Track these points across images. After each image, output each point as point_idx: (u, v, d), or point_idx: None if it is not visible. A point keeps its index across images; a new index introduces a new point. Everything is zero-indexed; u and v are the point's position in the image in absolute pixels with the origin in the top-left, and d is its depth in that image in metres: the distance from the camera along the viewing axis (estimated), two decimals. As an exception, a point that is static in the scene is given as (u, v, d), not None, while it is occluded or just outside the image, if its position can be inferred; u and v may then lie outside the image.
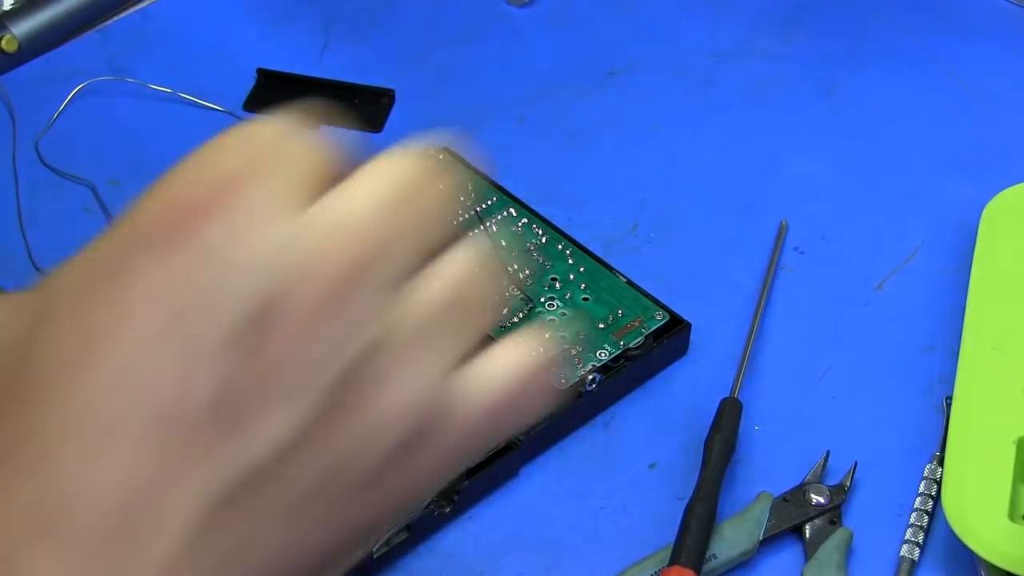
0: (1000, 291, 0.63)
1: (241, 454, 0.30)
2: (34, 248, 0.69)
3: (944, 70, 0.78)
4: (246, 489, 0.31)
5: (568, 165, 0.74)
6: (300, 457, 0.31)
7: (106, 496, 0.30)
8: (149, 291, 0.31)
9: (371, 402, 0.31)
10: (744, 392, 0.62)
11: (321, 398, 0.31)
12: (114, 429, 0.30)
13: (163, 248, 0.31)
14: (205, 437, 0.30)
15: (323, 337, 0.31)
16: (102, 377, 0.30)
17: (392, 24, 0.82)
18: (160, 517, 0.30)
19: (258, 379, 0.30)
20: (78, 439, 0.30)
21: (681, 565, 0.54)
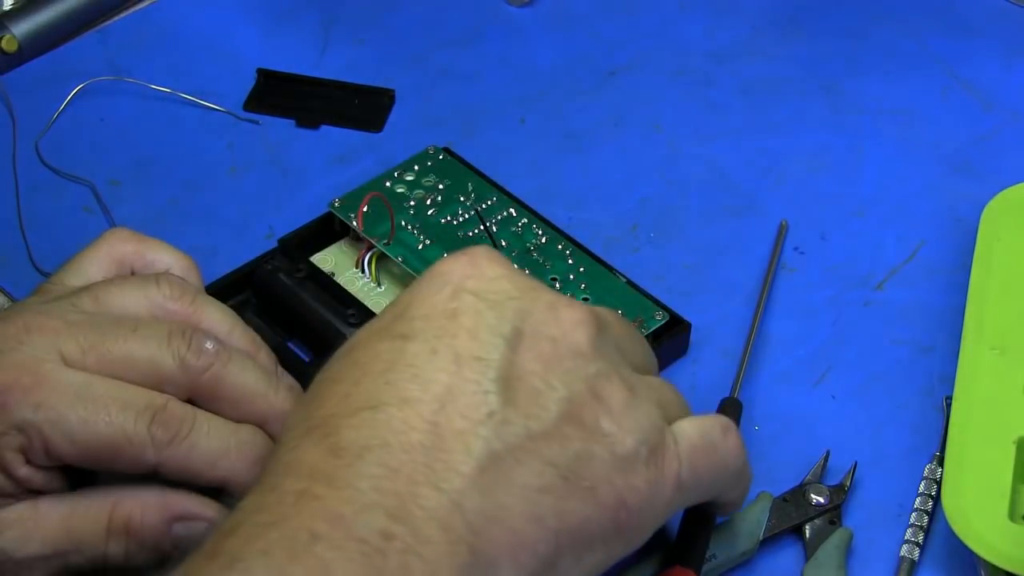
0: (1000, 291, 0.63)
1: (520, 428, 0.44)
2: (34, 248, 0.69)
3: (944, 70, 0.78)
4: (511, 458, 0.43)
5: (568, 165, 0.74)
6: (552, 446, 0.44)
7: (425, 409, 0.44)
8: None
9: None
10: (744, 392, 0.62)
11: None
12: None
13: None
14: (503, 409, 0.44)
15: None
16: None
17: (392, 24, 0.82)
18: (458, 445, 0.43)
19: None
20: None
21: (681, 565, 0.54)
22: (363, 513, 0.41)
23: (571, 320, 0.47)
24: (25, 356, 0.49)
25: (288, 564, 0.39)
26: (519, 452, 0.44)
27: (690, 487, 0.49)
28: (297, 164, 0.74)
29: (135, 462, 0.49)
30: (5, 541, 0.49)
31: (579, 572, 0.45)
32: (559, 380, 0.46)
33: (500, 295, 0.47)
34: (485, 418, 0.44)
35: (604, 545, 0.46)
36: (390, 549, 0.41)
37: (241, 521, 0.41)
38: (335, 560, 0.40)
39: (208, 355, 0.51)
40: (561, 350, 0.46)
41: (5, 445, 0.49)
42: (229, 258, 0.67)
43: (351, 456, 0.42)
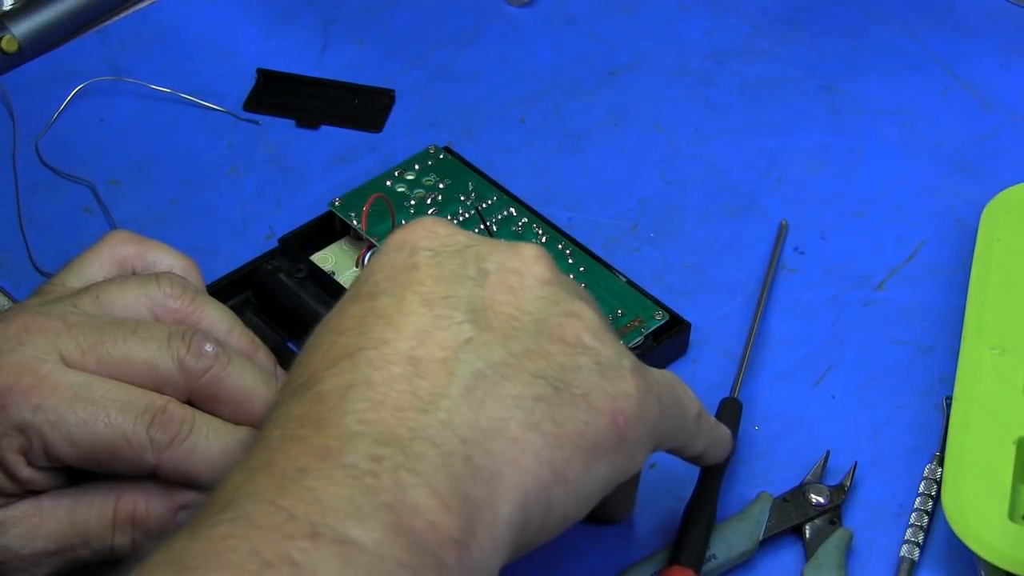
0: (1000, 291, 0.63)
1: (501, 349, 0.45)
2: (34, 248, 0.69)
3: (944, 70, 0.78)
4: (496, 375, 0.44)
5: (568, 165, 0.74)
6: (537, 360, 0.45)
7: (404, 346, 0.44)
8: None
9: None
10: (744, 392, 0.62)
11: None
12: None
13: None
14: (481, 334, 0.45)
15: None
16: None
17: (392, 24, 0.82)
18: (440, 371, 0.43)
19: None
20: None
21: (681, 565, 0.54)
22: (350, 443, 0.41)
23: (532, 255, 0.48)
24: (25, 357, 0.49)
25: (278, 499, 0.40)
26: (504, 369, 0.44)
27: (669, 411, 0.49)
28: (297, 164, 0.74)
29: (134, 463, 0.49)
30: (10, 539, 0.49)
31: (591, 484, 0.46)
32: (532, 305, 0.46)
33: (458, 245, 0.48)
34: (464, 344, 0.44)
35: (609, 455, 0.46)
36: (381, 470, 0.41)
37: (231, 472, 0.42)
38: (325, 487, 0.40)
39: (207, 357, 0.51)
40: (528, 281, 0.47)
41: (6, 446, 0.49)
42: (229, 258, 0.67)
43: (334, 399, 0.43)
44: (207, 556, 0.38)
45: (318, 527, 0.39)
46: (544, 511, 0.44)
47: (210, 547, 0.38)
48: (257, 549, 0.38)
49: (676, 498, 0.58)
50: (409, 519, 0.40)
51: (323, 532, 0.39)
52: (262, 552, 0.38)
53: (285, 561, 0.38)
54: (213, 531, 0.39)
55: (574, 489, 0.45)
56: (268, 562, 0.38)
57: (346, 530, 0.39)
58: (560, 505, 0.45)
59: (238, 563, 0.38)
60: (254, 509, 0.39)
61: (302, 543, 0.38)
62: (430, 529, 0.40)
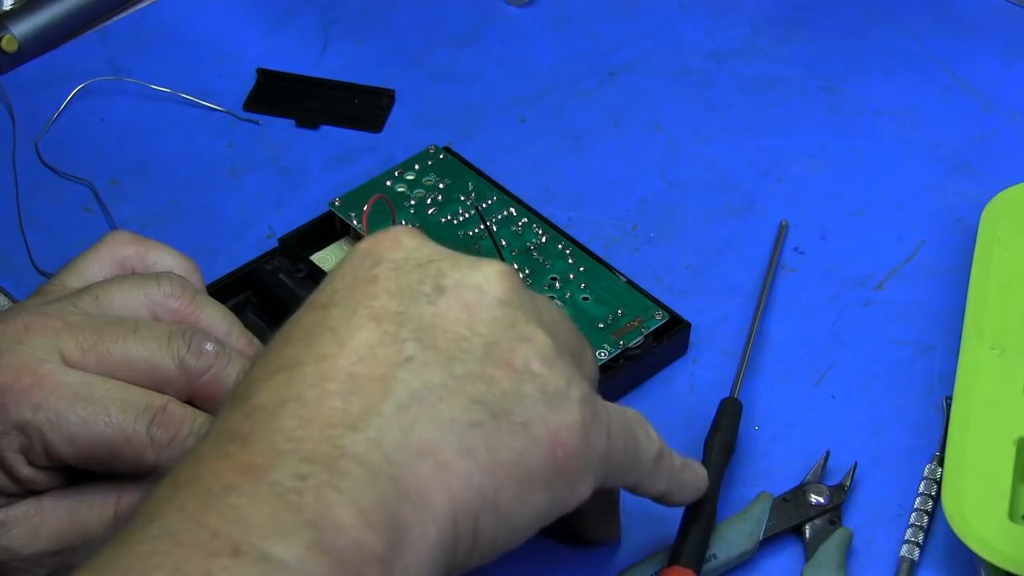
0: (1000, 291, 0.63)
1: (442, 370, 0.44)
2: (34, 248, 0.69)
3: (944, 70, 0.78)
4: (432, 396, 0.43)
5: (568, 165, 0.74)
6: (478, 385, 0.44)
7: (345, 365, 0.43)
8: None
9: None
10: (744, 392, 0.62)
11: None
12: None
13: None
14: (423, 353, 0.44)
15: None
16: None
17: (392, 24, 0.82)
18: (376, 388, 0.43)
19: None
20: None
21: (681, 565, 0.54)
22: (276, 461, 0.41)
23: (495, 272, 0.46)
24: (25, 356, 0.49)
25: (202, 515, 0.39)
26: (442, 391, 0.43)
27: (619, 447, 0.48)
28: (297, 164, 0.74)
29: (134, 463, 0.49)
30: (11, 539, 0.49)
31: (524, 514, 0.45)
32: (485, 327, 0.45)
33: (421, 259, 0.46)
34: (404, 362, 0.43)
35: (546, 487, 0.45)
36: (305, 487, 0.40)
37: (158, 485, 0.42)
38: (248, 505, 0.40)
39: (208, 357, 0.51)
40: (486, 299, 0.46)
41: (6, 445, 0.49)
42: (229, 258, 0.67)
43: (266, 414, 0.42)
44: (130, 572, 0.38)
45: (240, 544, 0.38)
46: (472, 538, 0.43)
47: (135, 563, 0.38)
48: (180, 567, 0.38)
49: (676, 498, 0.58)
50: (332, 536, 0.40)
51: (245, 550, 0.38)
52: (184, 570, 0.38)
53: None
54: (138, 547, 0.39)
55: (505, 518, 0.44)
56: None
57: (268, 547, 0.39)
58: (488, 533, 0.44)
59: None
60: (178, 526, 0.39)
61: (224, 561, 0.38)
62: (353, 547, 0.40)
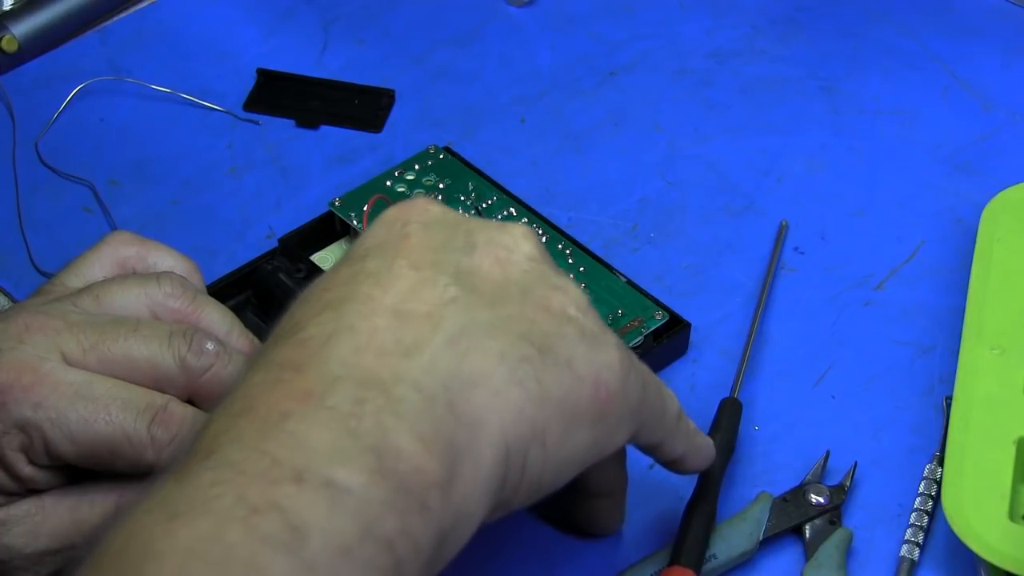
0: (1000, 291, 0.63)
1: (487, 310, 0.45)
2: (34, 248, 0.69)
3: (944, 70, 0.78)
4: (480, 331, 0.44)
5: (568, 165, 0.74)
6: (522, 324, 0.45)
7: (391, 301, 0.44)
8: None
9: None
10: (744, 392, 0.62)
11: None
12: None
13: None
14: (466, 296, 0.45)
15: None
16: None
17: (392, 24, 0.82)
18: (425, 324, 0.43)
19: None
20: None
21: (681, 565, 0.54)
22: (332, 386, 0.41)
23: (521, 232, 0.48)
24: (26, 355, 0.49)
25: (261, 443, 0.40)
26: (489, 328, 0.44)
27: (651, 399, 0.49)
28: (297, 164, 0.74)
29: (135, 461, 0.49)
30: (12, 538, 0.49)
31: (569, 452, 0.45)
32: (519, 277, 0.47)
33: (449, 221, 0.48)
34: (449, 301, 0.44)
35: (590, 427, 0.46)
36: (363, 412, 0.41)
37: (213, 418, 0.42)
38: (308, 431, 0.40)
39: (209, 356, 0.51)
40: (515, 256, 0.47)
41: (7, 444, 0.49)
42: (229, 258, 0.67)
43: (317, 344, 0.43)
44: (194, 502, 0.38)
45: (302, 471, 0.39)
46: (521, 471, 0.44)
47: (197, 493, 0.38)
48: (243, 495, 0.38)
49: (676, 498, 0.58)
50: (393, 462, 0.40)
51: (308, 476, 0.39)
52: (248, 498, 0.38)
53: (272, 506, 0.38)
54: (199, 478, 0.39)
55: (552, 453, 0.45)
56: (255, 508, 0.38)
57: (331, 474, 0.39)
58: (536, 468, 0.44)
59: (225, 509, 0.38)
60: (238, 455, 0.39)
61: (288, 488, 0.38)
62: (413, 472, 0.40)
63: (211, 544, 0.37)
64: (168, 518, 0.38)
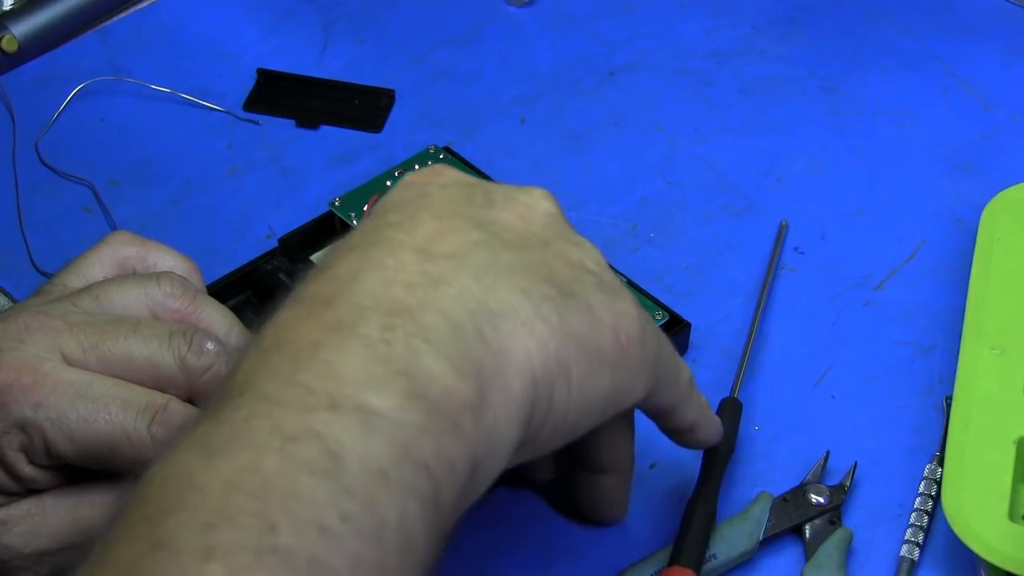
0: (1000, 291, 0.63)
1: (509, 253, 0.45)
2: (34, 248, 0.69)
3: (944, 70, 0.78)
4: (505, 269, 0.45)
5: (568, 165, 0.74)
6: (543, 268, 0.46)
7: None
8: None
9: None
10: (744, 392, 0.62)
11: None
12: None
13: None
14: (489, 240, 0.46)
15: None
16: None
17: (392, 24, 0.82)
18: (450, 262, 0.44)
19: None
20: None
21: (681, 565, 0.54)
22: (362, 315, 0.42)
23: (540, 193, 0.49)
24: (26, 355, 0.49)
25: (295, 374, 0.40)
26: (513, 267, 0.45)
27: (666, 358, 0.50)
28: (297, 164, 0.74)
29: (135, 461, 0.49)
30: (13, 537, 0.49)
31: (592, 393, 0.46)
32: (538, 230, 0.47)
33: (468, 182, 0.49)
34: (472, 244, 0.45)
35: (612, 370, 0.46)
36: (393, 339, 0.41)
37: (244, 356, 0.42)
38: (340, 359, 0.40)
39: (209, 356, 0.51)
40: (535, 213, 0.48)
41: (7, 444, 0.49)
42: (229, 258, 0.67)
43: (346, 279, 0.43)
44: (231, 438, 0.38)
45: (336, 398, 0.39)
46: (547, 405, 0.44)
47: (234, 429, 0.39)
48: (279, 425, 0.38)
49: (676, 498, 0.58)
50: (424, 385, 0.41)
51: (342, 402, 0.39)
52: (285, 427, 0.38)
53: (308, 434, 0.38)
54: (235, 414, 0.39)
55: (576, 391, 0.45)
56: (291, 436, 0.38)
57: (364, 398, 0.40)
58: (562, 404, 0.45)
59: (262, 441, 0.38)
60: (271, 387, 0.40)
61: (323, 415, 0.39)
62: (445, 395, 0.41)
63: (250, 474, 0.37)
64: (207, 454, 0.38)
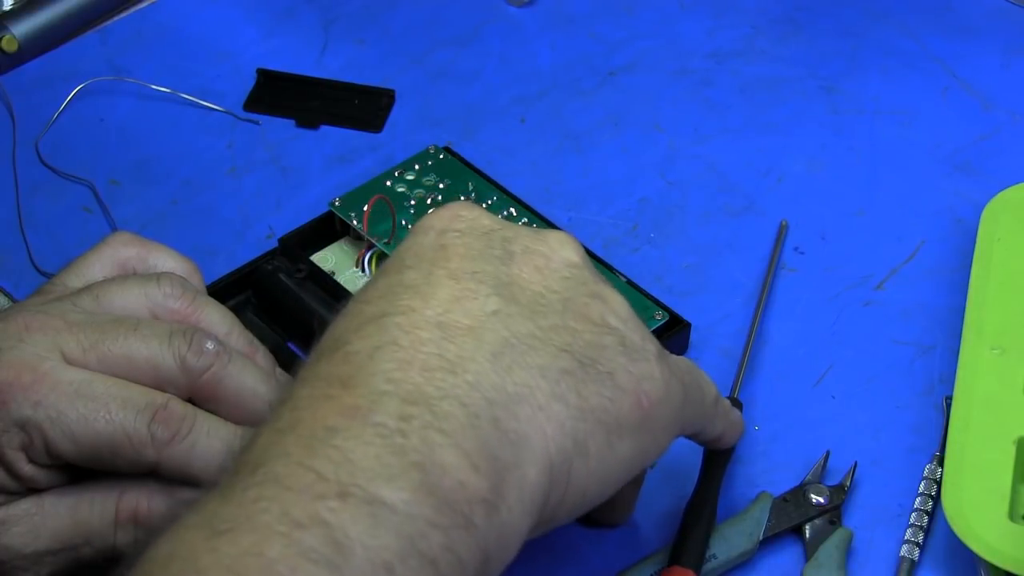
0: (999, 291, 0.63)
1: (528, 321, 0.45)
2: (34, 248, 0.69)
3: (944, 70, 0.78)
4: (523, 345, 0.44)
5: (568, 165, 0.74)
6: (563, 335, 0.45)
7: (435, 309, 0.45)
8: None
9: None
10: (744, 392, 0.62)
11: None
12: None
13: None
14: (507, 307, 0.45)
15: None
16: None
17: (392, 24, 0.82)
18: (468, 337, 0.44)
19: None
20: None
21: (681, 565, 0.54)
22: (378, 402, 0.41)
23: (558, 239, 0.48)
24: (26, 354, 0.49)
25: (307, 459, 0.40)
26: (531, 340, 0.45)
27: (692, 396, 0.50)
28: (297, 164, 0.74)
29: (135, 460, 0.49)
30: (12, 537, 0.49)
31: (613, 462, 0.46)
32: (558, 284, 0.47)
33: (485, 228, 0.48)
34: (490, 314, 0.45)
35: (633, 436, 0.46)
36: (410, 429, 0.41)
37: (259, 433, 0.42)
38: (354, 447, 0.40)
39: (209, 356, 0.51)
40: (554, 263, 0.48)
41: (6, 443, 0.49)
42: (229, 258, 0.67)
43: (362, 359, 0.43)
44: (238, 518, 0.38)
45: (347, 487, 0.39)
46: (565, 485, 0.44)
47: (241, 510, 0.39)
48: (287, 511, 0.38)
49: (676, 498, 0.58)
50: (438, 478, 0.40)
51: (353, 492, 0.39)
52: (292, 513, 0.38)
53: (315, 521, 0.38)
54: (244, 494, 0.39)
55: (595, 465, 0.45)
56: (299, 523, 0.38)
57: (376, 490, 0.39)
58: (580, 480, 0.45)
59: (269, 524, 0.38)
60: (283, 470, 0.40)
61: (332, 503, 0.39)
62: (459, 489, 0.41)
63: (253, 559, 0.37)
64: (212, 535, 0.38)
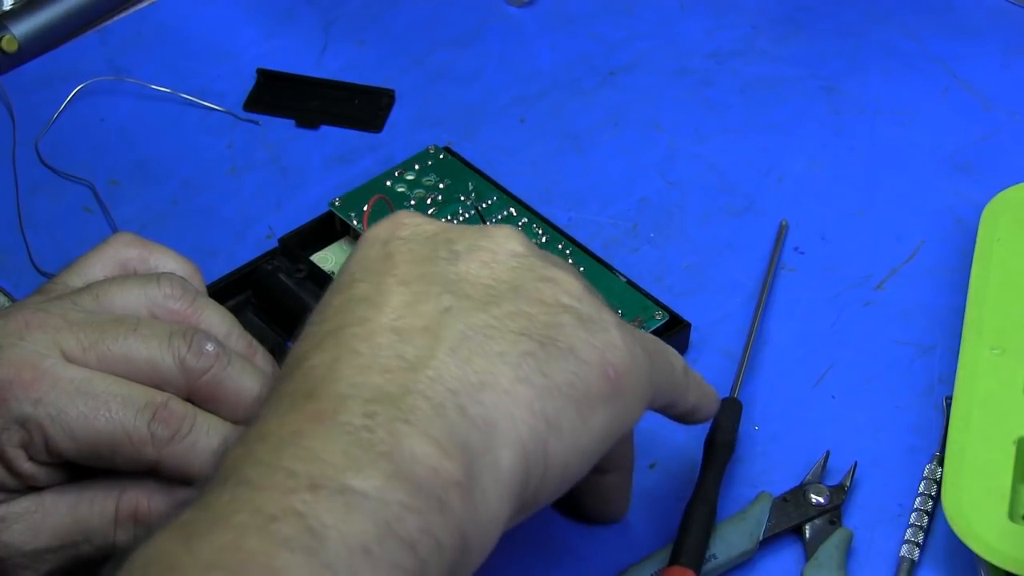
0: (1000, 291, 0.63)
1: (481, 313, 0.45)
2: (34, 248, 0.69)
3: (944, 70, 0.78)
4: (479, 335, 0.44)
5: (568, 165, 0.74)
6: (518, 320, 0.45)
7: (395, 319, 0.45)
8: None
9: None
10: (744, 392, 0.62)
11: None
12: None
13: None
14: (459, 302, 0.45)
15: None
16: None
17: (392, 24, 0.82)
18: (424, 336, 0.44)
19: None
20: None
21: (681, 565, 0.54)
22: (343, 405, 0.42)
23: (503, 234, 0.49)
24: (26, 352, 0.49)
25: (275, 460, 0.40)
26: (487, 330, 0.45)
27: (659, 364, 0.50)
28: (297, 164, 0.74)
29: (135, 459, 0.49)
30: (12, 535, 0.50)
31: (589, 436, 0.46)
32: (507, 275, 0.47)
33: (428, 233, 0.49)
34: (444, 312, 0.45)
35: (605, 406, 0.46)
36: (375, 424, 0.41)
37: (230, 449, 0.42)
38: (322, 445, 0.41)
39: (208, 356, 0.51)
40: (500, 255, 0.48)
41: (6, 440, 0.49)
42: (229, 258, 0.67)
43: (323, 371, 0.43)
44: (212, 521, 0.39)
45: (318, 479, 0.40)
46: (543, 464, 0.44)
47: (215, 513, 0.39)
48: (260, 507, 0.39)
49: (676, 498, 0.58)
50: (408, 466, 0.41)
51: (324, 484, 0.39)
52: (266, 509, 0.39)
53: (289, 513, 0.39)
54: (218, 500, 0.40)
55: (571, 441, 0.45)
56: (273, 516, 0.39)
57: (346, 480, 0.40)
58: (559, 458, 0.45)
59: (244, 522, 0.38)
60: (253, 473, 0.40)
61: (304, 496, 0.39)
62: (432, 474, 0.41)
63: (231, 553, 0.38)
64: (189, 537, 0.39)
